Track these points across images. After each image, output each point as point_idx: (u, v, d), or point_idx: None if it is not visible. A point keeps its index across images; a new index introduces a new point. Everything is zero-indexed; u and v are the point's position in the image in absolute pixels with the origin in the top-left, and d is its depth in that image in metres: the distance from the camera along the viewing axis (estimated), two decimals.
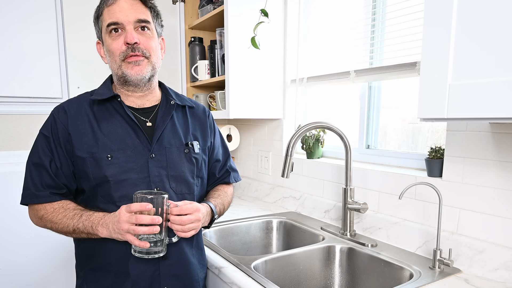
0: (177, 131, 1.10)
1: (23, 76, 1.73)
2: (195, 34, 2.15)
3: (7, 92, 1.70)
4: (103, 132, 1.01)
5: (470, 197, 1.09)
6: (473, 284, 1.00)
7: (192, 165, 1.10)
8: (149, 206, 0.90)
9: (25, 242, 1.76)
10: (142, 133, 1.03)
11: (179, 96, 1.16)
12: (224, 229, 1.54)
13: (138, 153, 1.02)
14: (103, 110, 1.04)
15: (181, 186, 1.06)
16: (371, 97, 1.53)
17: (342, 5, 1.58)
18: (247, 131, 2.18)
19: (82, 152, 0.99)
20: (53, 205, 1.00)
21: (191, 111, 1.17)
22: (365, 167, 1.43)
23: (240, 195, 2.15)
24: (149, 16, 1.03)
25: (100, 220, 0.95)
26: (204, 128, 1.18)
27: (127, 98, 1.07)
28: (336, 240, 1.36)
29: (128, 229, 0.90)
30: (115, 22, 0.98)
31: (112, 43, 1.00)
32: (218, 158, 1.24)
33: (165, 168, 1.04)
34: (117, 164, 0.99)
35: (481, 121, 0.78)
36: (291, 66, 1.84)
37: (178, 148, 1.08)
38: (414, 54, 1.27)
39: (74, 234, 0.98)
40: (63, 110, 1.03)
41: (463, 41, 0.77)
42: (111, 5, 0.99)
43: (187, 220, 0.96)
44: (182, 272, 1.06)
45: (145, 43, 1.01)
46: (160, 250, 0.95)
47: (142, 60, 1.01)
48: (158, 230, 0.92)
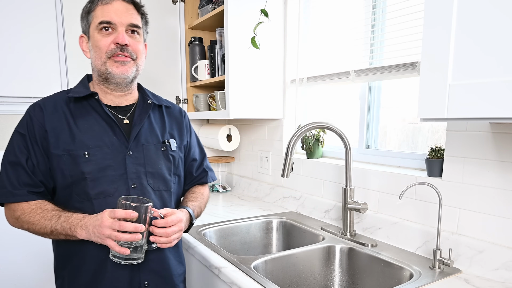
0: (154, 129, 1.12)
1: (23, 76, 1.73)
2: (195, 34, 2.15)
3: (7, 92, 1.70)
4: (80, 129, 1.02)
5: (470, 197, 1.09)
6: (473, 284, 1.00)
7: (169, 162, 1.12)
8: (134, 214, 0.91)
9: (24, 242, 1.76)
10: (120, 130, 1.05)
11: (156, 96, 1.19)
12: (224, 229, 1.54)
13: (115, 150, 1.03)
14: (79, 108, 1.05)
15: (159, 182, 1.08)
16: (371, 97, 1.53)
17: (342, 5, 1.58)
18: (247, 131, 2.18)
19: (58, 149, 0.99)
20: (30, 205, 0.99)
21: (168, 111, 1.20)
22: (365, 167, 1.43)
23: (240, 195, 2.15)
24: (140, 22, 1.07)
25: (79, 221, 0.94)
26: (181, 128, 1.21)
27: (105, 96, 1.09)
28: (336, 240, 1.36)
29: (110, 235, 0.90)
30: (109, 22, 1.01)
31: (101, 40, 1.01)
32: (195, 158, 1.26)
33: (143, 165, 1.06)
34: (94, 161, 1.00)
35: (481, 121, 0.78)
36: (291, 66, 1.84)
37: (155, 146, 1.10)
38: (414, 54, 1.27)
39: (52, 235, 0.98)
40: (39, 107, 1.03)
41: (463, 41, 0.77)
42: (106, 5, 1.01)
43: (171, 232, 0.98)
44: (161, 267, 1.08)
45: (134, 45, 1.04)
46: (139, 256, 0.95)
47: (129, 61, 1.04)
48: (140, 238, 0.92)
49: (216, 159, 2.29)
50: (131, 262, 0.94)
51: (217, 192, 2.23)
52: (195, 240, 1.34)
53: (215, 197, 2.09)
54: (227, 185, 2.31)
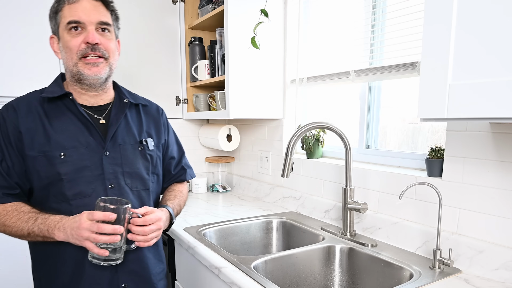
0: (131, 129, 1.11)
1: (23, 76, 1.73)
2: (195, 34, 2.15)
3: (7, 92, 1.69)
4: (55, 130, 1.00)
5: (470, 197, 1.09)
6: (473, 284, 1.00)
7: (147, 162, 1.11)
8: (112, 216, 0.90)
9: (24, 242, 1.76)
10: (96, 130, 1.04)
11: (132, 95, 1.18)
12: (224, 229, 1.54)
13: (92, 150, 1.02)
14: (54, 108, 1.03)
15: (136, 182, 1.07)
16: (371, 97, 1.53)
17: (342, 5, 1.58)
18: (247, 131, 2.18)
19: (33, 151, 0.98)
20: (6, 208, 0.98)
21: (145, 109, 1.19)
22: (365, 167, 1.43)
23: (240, 195, 2.15)
24: (110, 19, 1.04)
25: (57, 223, 0.94)
26: (158, 126, 1.20)
27: (80, 96, 1.07)
28: (336, 240, 1.36)
29: (88, 237, 0.89)
30: (77, 21, 0.98)
31: (71, 40, 0.99)
32: (173, 155, 1.25)
33: (120, 165, 1.05)
34: (70, 162, 0.99)
35: (481, 121, 0.78)
36: (291, 66, 1.84)
37: (132, 146, 1.09)
38: (414, 54, 1.26)
39: (29, 237, 0.97)
40: (12, 108, 1.01)
41: (463, 41, 0.77)
42: (73, 4, 0.99)
43: (149, 231, 0.97)
44: (139, 267, 1.07)
45: (105, 44, 1.02)
46: (118, 257, 0.95)
47: (102, 61, 1.02)
48: (118, 239, 0.92)
49: (216, 159, 2.29)
50: (110, 263, 0.94)
51: (217, 192, 2.23)
52: (195, 240, 1.34)
53: (215, 197, 2.09)
54: (227, 185, 2.31)
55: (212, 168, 2.36)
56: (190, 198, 2.07)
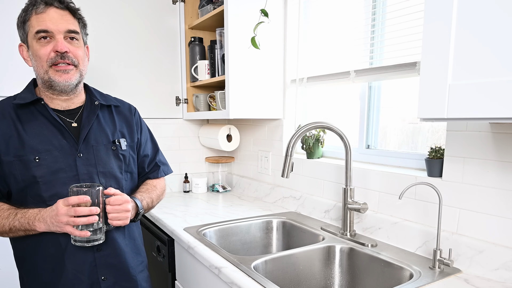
0: (103, 130, 1.14)
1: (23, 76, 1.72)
2: (195, 34, 2.15)
3: (7, 92, 1.69)
4: (29, 135, 1.03)
5: (470, 197, 1.09)
6: (473, 284, 1.00)
7: (120, 161, 1.15)
8: (86, 198, 0.96)
9: None
10: (68, 133, 1.07)
11: (104, 96, 1.21)
12: (224, 229, 1.54)
13: (65, 153, 1.05)
14: (27, 113, 1.06)
15: (110, 181, 1.11)
16: (371, 97, 1.53)
17: (342, 5, 1.58)
18: (247, 131, 2.18)
19: (8, 156, 1.01)
20: None
21: (117, 110, 1.22)
22: (365, 167, 1.43)
23: (240, 195, 2.15)
24: (78, 27, 1.07)
25: (36, 215, 0.98)
26: (131, 126, 1.23)
27: (51, 101, 1.10)
28: (336, 240, 1.36)
29: (68, 221, 0.94)
30: (45, 30, 1.01)
31: (41, 49, 1.01)
32: (147, 153, 1.28)
33: (94, 166, 1.09)
34: (45, 165, 1.02)
35: (481, 121, 0.78)
36: (291, 66, 1.84)
37: (105, 146, 1.13)
38: (414, 54, 1.27)
39: (11, 233, 1.00)
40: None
41: (463, 41, 0.77)
42: (41, 14, 1.01)
43: (120, 209, 1.03)
44: (118, 261, 1.11)
45: (74, 52, 1.05)
46: (99, 237, 1.01)
47: (72, 69, 1.05)
48: (96, 220, 0.98)
49: (216, 159, 2.29)
50: (93, 243, 1.01)
51: (217, 192, 2.23)
52: (195, 240, 1.34)
53: (215, 197, 2.09)
54: (227, 185, 2.31)
55: (212, 168, 2.36)
56: (190, 198, 2.08)
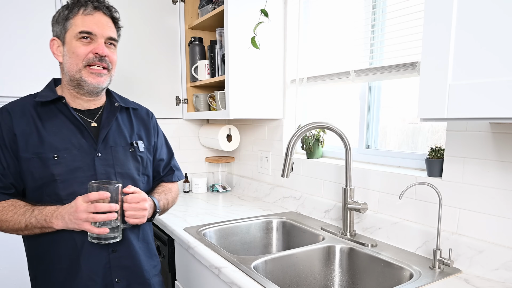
0: (122, 131, 1.15)
1: (23, 76, 1.73)
2: (195, 34, 2.15)
3: (7, 92, 1.70)
4: (48, 132, 1.04)
5: (470, 197, 1.09)
6: (473, 284, 1.00)
7: (138, 163, 1.16)
8: (107, 194, 0.95)
9: None
10: (88, 132, 1.08)
11: (123, 99, 1.23)
12: (224, 229, 1.54)
13: (84, 152, 1.06)
14: (47, 112, 1.07)
15: (128, 182, 1.11)
16: (371, 97, 1.53)
17: (342, 5, 1.58)
18: (247, 131, 2.18)
19: (27, 153, 1.02)
20: (1, 204, 1.01)
21: (135, 113, 1.24)
22: (365, 167, 1.43)
23: (240, 195, 2.15)
24: (116, 35, 1.12)
25: (54, 212, 0.98)
26: (148, 129, 1.24)
27: (74, 100, 1.11)
28: (336, 240, 1.36)
29: (87, 218, 0.94)
30: (90, 32, 1.04)
31: (80, 47, 1.04)
32: (162, 157, 1.30)
33: (112, 166, 1.09)
34: (63, 164, 1.02)
35: (481, 121, 0.78)
36: (291, 66, 1.84)
37: (123, 147, 1.13)
38: (414, 54, 1.27)
39: (26, 230, 1.00)
40: (6, 112, 1.05)
41: (463, 41, 0.77)
42: (88, 15, 1.04)
43: (137, 207, 1.02)
44: (132, 263, 1.10)
45: (111, 56, 1.09)
46: (116, 235, 1.01)
47: (105, 73, 1.08)
48: (115, 217, 0.97)
49: (216, 159, 2.29)
50: (110, 241, 1.00)
51: (217, 192, 2.23)
52: (195, 240, 1.34)
53: (215, 197, 2.09)
54: (227, 185, 2.31)
55: (212, 168, 2.36)
56: (190, 198, 2.08)
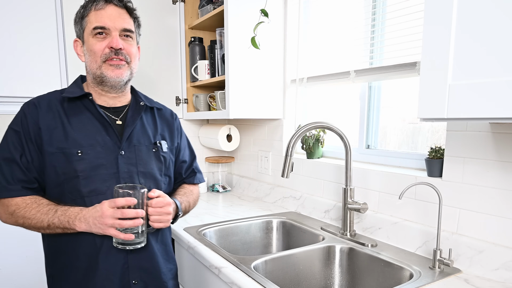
0: (146, 131, 1.15)
1: (23, 76, 1.73)
2: (195, 34, 2.15)
3: (7, 92, 1.70)
4: (73, 128, 1.04)
5: (470, 197, 1.09)
6: (473, 284, 1.00)
7: (160, 163, 1.15)
8: (133, 201, 0.95)
9: (24, 242, 1.76)
10: (113, 130, 1.07)
11: (148, 99, 1.23)
12: (224, 229, 1.54)
13: (108, 149, 1.05)
14: (73, 108, 1.07)
15: (150, 182, 1.10)
16: (371, 97, 1.53)
17: (342, 5, 1.58)
18: (247, 131, 2.18)
19: (51, 147, 1.01)
20: (25, 200, 1.00)
21: (159, 113, 1.23)
22: (365, 167, 1.43)
23: (240, 195, 2.15)
24: (133, 26, 1.10)
25: (77, 214, 0.97)
26: (171, 130, 1.24)
27: (99, 97, 1.11)
28: (336, 240, 1.36)
29: (113, 224, 0.94)
30: (102, 27, 1.03)
31: (96, 44, 1.04)
32: (185, 159, 1.29)
33: (135, 165, 1.08)
34: (87, 160, 1.02)
35: (481, 121, 0.78)
36: (291, 66, 1.84)
37: (147, 147, 1.12)
38: (414, 54, 1.27)
39: (48, 229, 0.99)
40: (33, 105, 1.05)
41: (463, 41, 0.77)
42: (100, 10, 1.04)
43: (162, 212, 1.02)
44: (150, 265, 1.09)
45: (127, 49, 1.07)
46: (142, 240, 1.00)
47: (124, 64, 1.07)
48: (142, 223, 0.97)
49: (216, 159, 2.29)
50: (135, 247, 0.99)
51: (217, 192, 2.23)
52: (195, 240, 1.34)
53: (215, 197, 2.09)
54: (227, 185, 2.31)
55: (212, 168, 2.36)
56: None
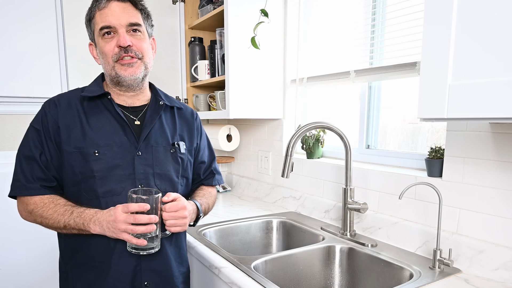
0: (164, 131, 1.12)
1: (23, 76, 1.73)
2: (195, 34, 2.15)
3: (7, 92, 1.69)
4: (92, 128, 1.03)
5: (470, 197, 1.09)
6: (473, 284, 1.00)
7: (178, 165, 1.13)
8: (147, 207, 0.93)
9: (25, 242, 1.76)
10: (130, 130, 1.06)
11: (168, 97, 1.20)
12: (224, 229, 1.54)
13: (125, 150, 1.04)
14: (93, 107, 1.06)
15: (166, 184, 1.09)
16: (371, 97, 1.53)
17: (342, 5, 1.58)
18: (247, 131, 2.18)
19: (69, 146, 1.01)
20: (43, 200, 1.01)
21: (179, 113, 1.21)
22: (365, 167, 1.43)
23: (240, 195, 2.15)
24: (140, 19, 1.06)
25: (92, 217, 0.96)
26: (191, 130, 1.21)
27: (118, 97, 1.10)
28: (336, 240, 1.36)
29: (126, 229, 0.93)
30: (108, 26, 1.01)
31: (105, 46, 1.02)
32: (204, 160, 1.27)
33: (151, 166, 1.07)
34: (103, 160, 1.01)
35: (481, 121, 0.78)
36: (291, 66, 1.84)
37: (164, 148, 1.11)
38: (414, 54, 1.27)
39: (64, 230, 0.99)
40: (53, 104, 1.05)
41: (463, 41, 0.77)
42: (103, 9, 1.01)
43: (177, 215, 1.00)
44: (162, 268, 1.08)
45: (137, 44, 1.04)
46: (156, 245, 0.99)
47: (136, 61, 1.04)
48: (154, 228, 0.95)
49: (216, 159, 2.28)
50: (149, 252, 0.98)
51: (217, 192, 2.23)
52: (195, 240, 1.34)
53: None
54: (227, 185, 2.31)
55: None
56: None
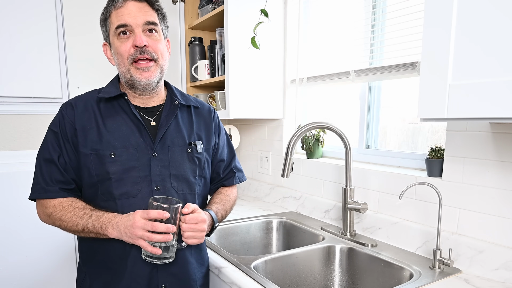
0: (180, 131, 1.10)
1: (23, 76, 1.73)
2: (195, 34, 2.15)
3: (7, 92, 1.69)
4: (108, 129, 1.03)
5: (470, 197, 1.09)
6: (473, 284, 1.00)
7: (194, 165, 1.10)
8: (166, 215, 0.92)
9: (25, 242, 1.76)
10: (146, 132, 1.05)
11: (184, 96, 1.17)
12: (224, 229, 1.54)
13: (141, 151, 1.03)
14: (109, 108, 1.06)
15: (183, 185, 1.07)
16: (371, 97, 1.53)
17: (342, 5, 1.58)
18: (247, 131, 2.18)
19: (86, 148, 1.01)
20: (61, 203, 1.00)
21: (196, 111, 1.18)
22: (365, 167, 1.43)
23: (240, 195, 2.15)
24: (156, 19, 1.04)
25: (110, 221, 0.96)
26: (209, 128, 1.18)
27: (133, 98, 1.09)
28: (336, 240, 1.36)
29: (143, 235, 0.91)
30: (124, 25, 0.99)
31: (121, 46, 1.00)
32: (223, 158, 1.24)
33: (167, 167, 1.05)
34: (119, 162, 1.01)
35: (481, 121, 0.79)
36: (291, 66, 1.84)
37: (180, 148, 1.09)
38: (414, 54, 1.27)
39: (83, 233, 0.99)
40: (70, 106, 1.05)
41: (463, 41, 0.77)
42: (120, 8, 1.00)
43: (196, 228, 0.98)
44: (180, 271, 1.07)
45: (153, 45, 1.02)
46: (170, 256, 0.96)
47: (152, 65, 1.02)
48: (171, 238, 0.93)
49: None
50: (163, 262, 0.96)
51: None
52: None
53: None
54: None
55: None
56: None
